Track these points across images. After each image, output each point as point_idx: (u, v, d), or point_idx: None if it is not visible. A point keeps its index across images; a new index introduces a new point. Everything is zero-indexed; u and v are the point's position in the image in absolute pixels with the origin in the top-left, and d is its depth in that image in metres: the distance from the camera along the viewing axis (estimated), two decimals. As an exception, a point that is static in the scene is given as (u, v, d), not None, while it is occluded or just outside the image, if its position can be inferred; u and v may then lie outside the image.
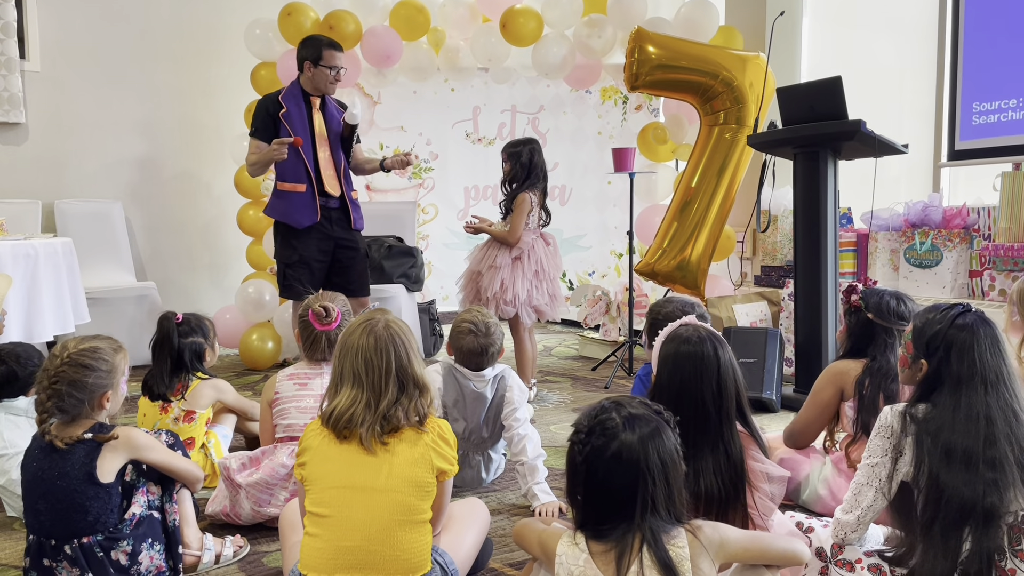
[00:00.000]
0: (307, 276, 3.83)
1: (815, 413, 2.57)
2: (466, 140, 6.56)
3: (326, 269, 3.92)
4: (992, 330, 1.71)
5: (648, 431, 1.46)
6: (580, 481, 1.47)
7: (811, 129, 3.59)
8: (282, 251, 3.87)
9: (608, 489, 1.45)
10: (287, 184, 3.81)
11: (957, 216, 4.18)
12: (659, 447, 1.45)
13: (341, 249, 3.93)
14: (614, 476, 1.44)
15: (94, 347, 2.02)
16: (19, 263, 3.47)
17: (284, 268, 3.86)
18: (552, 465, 2.97)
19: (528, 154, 3.94)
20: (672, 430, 1.50)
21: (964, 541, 1.61)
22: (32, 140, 5.34)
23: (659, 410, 1.52)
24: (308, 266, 3.84)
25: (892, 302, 2.44)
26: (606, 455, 1.44)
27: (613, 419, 1.47)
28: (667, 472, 1.45)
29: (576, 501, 1.50)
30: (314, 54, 3.77)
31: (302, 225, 3.81)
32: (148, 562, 2.03)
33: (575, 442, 1.50)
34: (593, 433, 1.47)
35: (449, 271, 6.38)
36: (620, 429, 1.45)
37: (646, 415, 1.49)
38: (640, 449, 1.43)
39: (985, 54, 4.33)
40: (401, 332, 1.82)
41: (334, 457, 1.76)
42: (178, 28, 5.80)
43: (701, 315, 2.55)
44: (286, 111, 3.77)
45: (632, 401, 1.53)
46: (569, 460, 1.51)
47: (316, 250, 3.86)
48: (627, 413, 1.48)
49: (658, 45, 4.54)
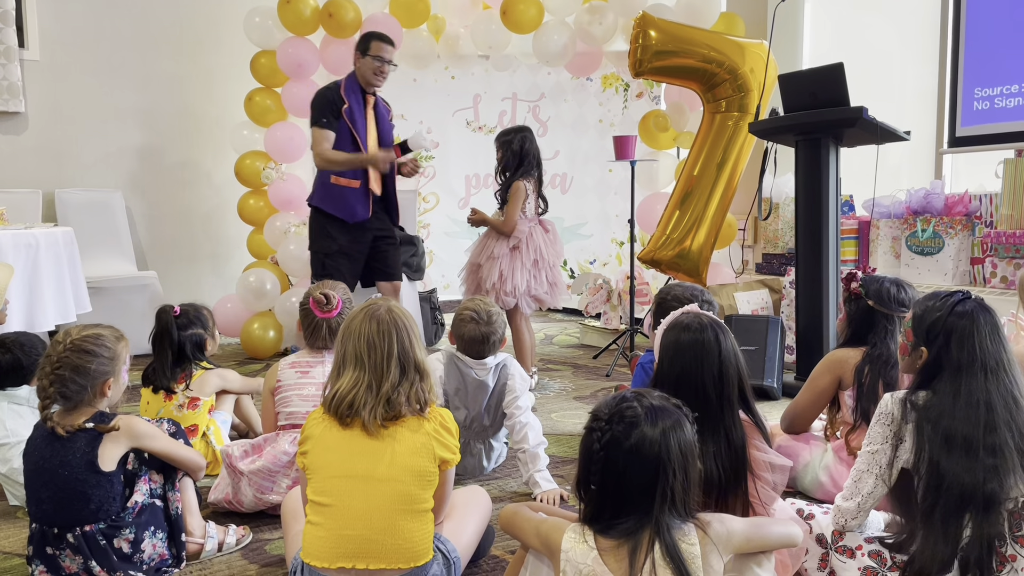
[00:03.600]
0: (347, 266, 3.90)
1: (811, 399, 2.58)
2: (467, 128, 6.55)
3: (364, 259, 4.00)
4: (992, 317, 1.70)
5: (670, 423, 1.44)
6: (596, 470, 1.44)
7: (813, 116, 3.58)
8: (321, 241, 3.91)
9: (626, 480, 1.42)
10: (343, 179, 3.84)
11: (959, 203, 4.17)
12: (680, 440, 1.43)
13: (379, 240, 4.03)
14: (633, 467, 1.41)
15: (97, 334, 2.03)
16: (20, 253, 3.47)
17: (323, 258, 3.90)
18: (553, 453, 2.97)
19: (520, 142, 3.94)
20: (691, 425, 1.48)
21: (964, 527, 1.62)
22: (32, 129, 5.33)
23: (679, 404, 1.50)
24: (348, 256, 3.91)
25: (892, 289, 2.44)
26: (626, 444, 1.41)
27: (634, 408, 1.45)
28: (686, 465, 1.43)
29: (589, 492, 1.46)
30: (363, 44, 3.84)
31: (356, 220, 3.87)
32: (151, 550, 2.04)
33: (594, 429, 1.46)
34: (613, 421, 1.44)
35: (450, 260, 6.38)
36: (642, 419, 1.43)
37: (667, 407, 1.47)
38: (661, 440, 1.41)
39: (986, 40, 4.31)
40: (403, 316, 1.84)
41: (336, 446, 1.76)
42: (178, 16, 5.78)
43: (708, 301, 2.55)
44: (348, 107, 3.80)
45: (652, 392, 1.51)
46: (585, 448, 1.47)
47: (355, 240, 3.92)
48: (648, 404, 1.46)
49: (662, 31, 4.52)
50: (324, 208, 3.89)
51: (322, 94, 3.87)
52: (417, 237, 5.34)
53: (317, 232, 3.94)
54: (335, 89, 3.85)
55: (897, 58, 5.16)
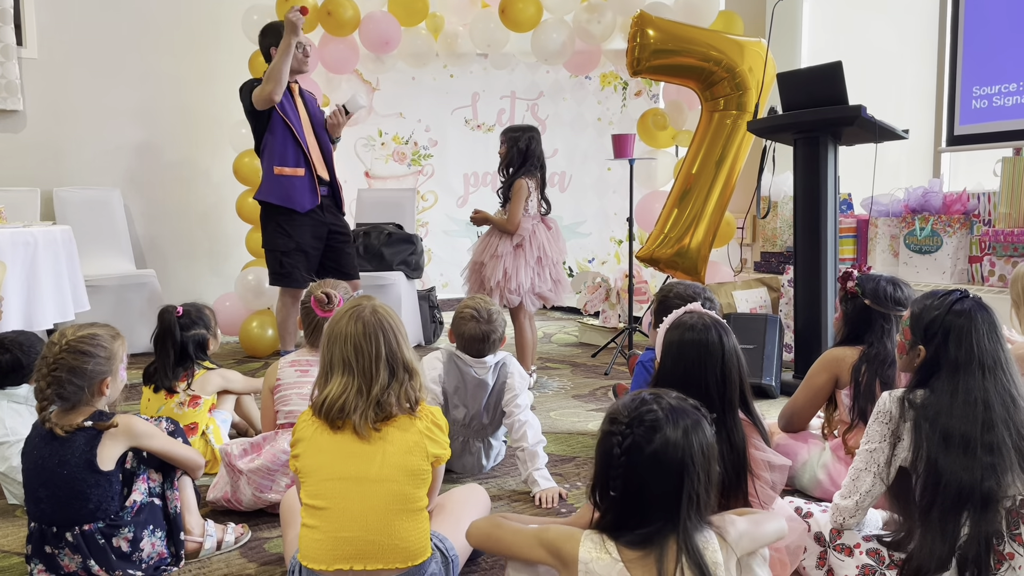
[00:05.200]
0: (304, 263, 3.86)
1: (808, 397, 2.58)
2: (465, 126, 6.54)
3: (320, 256, 3.95)
4: (990, 316, 1.71)
5: (690, 423, 1.39)
6: (617, 476, 1.38)
7: (811, 115, 3.58)
8: (276, 239, 3.86)
9: (649, 486, 1.37)
10: (287, 168, 3.80)
11: (957, 202, 4.17)
12: (702, 441, 1.39)
13: (333, 235, 3.98)
14: (656, 472, 1.36)
15: (92, 334, 2.03)
16: (18, 251, 3.46)
17: (280, 256, 3.85)
18: (552, 451, 2.98)
19: (526, 141, 3.93)
20: (710, 425, 1.44)
21: (962, 525, 1.62)
22: (30, 128, 5.33)
23: (696, 405, 1.46)
24: (305, 253, 3.87)
25: (889, 288, 2.43)
26: (648, 449, 1.36)
27: (654, 411, 1.40)
28: (708, 468, 1.39)
29: (607, 498, 1.41)
30: (277, 38, 3.77)
31: (304, 208, 3.82)
32: (150, 549, 2.04)
33: (613, 433, 1.40)
34: (634, 425, 1.38)
35: (449, 258, 6.38)
36: (664, 422, 1.38)
37: (686, 407, 1.43)
38: (684, 443, 1.37)
39: (985, 38, 4.31)
40: (388, 316, 1.81)
41: (327, 448, 1.75)
42: (176, 14, 5.77)
43: (709, 299, 2.55)
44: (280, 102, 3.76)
45: (669, 393, 1.46)
46: (603, 453, 1.42)
47: (311, 236, 3.88)
48: (668, 404, 1.41)
49: (660, 30, 4.52)
50: (271, 200, 3.82)
51: (246, 83, 3.87)
52: (415, 236, 5.34)
53: (271, 230, 3.87)
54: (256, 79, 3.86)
55: (896, 56, 5.16)
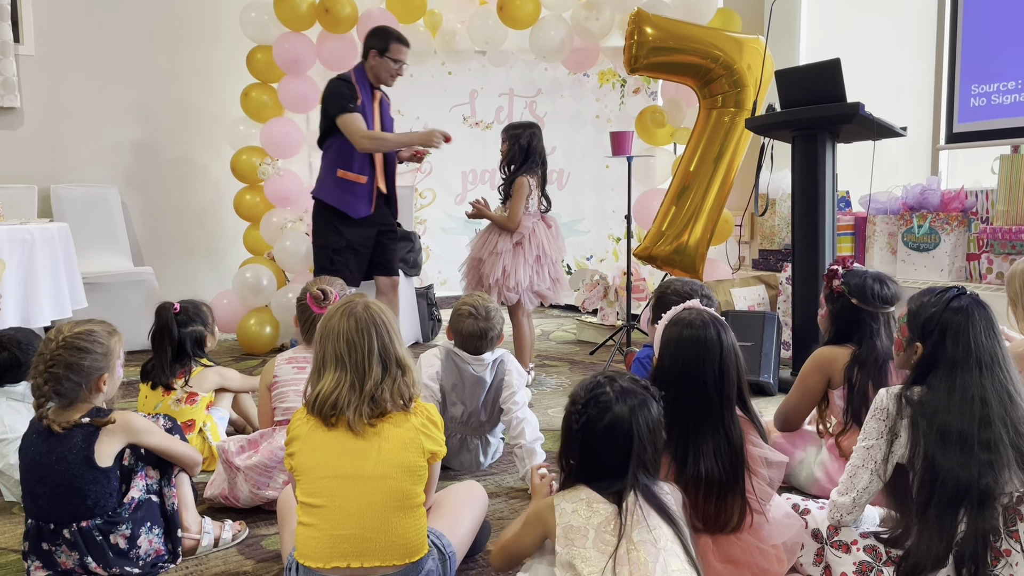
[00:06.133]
0: (354, 262, 3.90)
1: (801, 397, 2.57)
2: (463, 124, 6.53)
3: (370, 255, 3.99)
4: (987, 313, 1.71)
5: (637, 403, 1.60)
6: (576, 447, 1.63)
7: (809, 112, 3.58)
8: (328, 236, 3.88)
9: (601, 455, 1.60)
10: (350, 174, 3.83)
11: (955, 199, 4.17)
12: (647, 417, 1.60)
13: (382, 234, 4.03)
14: (607, 444, 1.59)
15: (89, 330, 2.02)
16: (15, 248, 3.45)
17: (331, 253, 3.87)
18: (550, 449, 2.97)
19: (528, 138, 3.93)
20: (658, 403, 1.65)
21: (959, 522, 1.62)
22: (27, 125, 5.32)
23: (647, 386, 1.67)
24: (356, 252, 3.91)
25: (876, 286, 2.40)
26: (600, 425, 1.59)
27: (607, 392, 1.61)
28: (654, 438, 1.61)
29: (569, 464, 1.66)
30: (382, 44, 3.81)
31: (359, 215, 3.86)
32: (147, 545, 2.04)
33: (572, 411, 1.65)
34: (588, 405, 1.61)
35: (447, 255, 6.38)
36: (613, 402, 1.60)
37: (635, 389, 1.63)
38: (630, 418, 1.58)
39: (984, 36, 4.31)
40: (381, 312, 1.82)
41: (322, 446, 1.75)
42: (173, 11, 5.77)
43: (707, 296, 2.55)
44: (361, 101, 3.78)
45: (623, 376, 1.67)
46: (565, 427, 1.66)
47: (362, 236, 3.92)
48: (619, 386, 1.62)
49: (657, 27, 4.51)
50: (331, 202, 3.86)
51: (338, 84, 3.82)
52: (414, 233, 5.34)
53: (323, 227, 3.89)
54: (348, 81, 3.82)
55: (894, 54, 5.16)
